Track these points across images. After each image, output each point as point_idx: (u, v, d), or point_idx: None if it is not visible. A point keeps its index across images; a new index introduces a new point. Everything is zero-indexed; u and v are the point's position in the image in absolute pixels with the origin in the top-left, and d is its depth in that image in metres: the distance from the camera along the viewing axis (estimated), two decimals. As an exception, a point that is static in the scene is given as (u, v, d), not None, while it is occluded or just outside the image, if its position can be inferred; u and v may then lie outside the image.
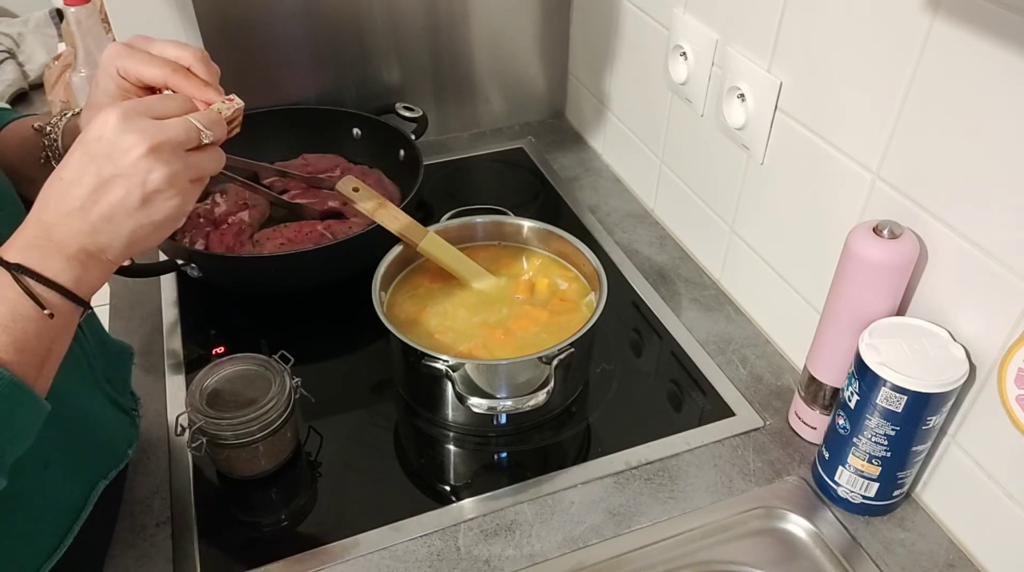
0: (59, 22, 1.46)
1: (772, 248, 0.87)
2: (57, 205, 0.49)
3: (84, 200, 0.49)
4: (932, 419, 0.64)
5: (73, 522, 0.62)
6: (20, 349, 0.48)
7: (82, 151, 0.49)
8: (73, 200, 0.49)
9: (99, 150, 0.49)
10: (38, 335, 0.49)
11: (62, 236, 0.49)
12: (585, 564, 0.68)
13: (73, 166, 0.49)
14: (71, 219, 0.49)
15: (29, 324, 0.48)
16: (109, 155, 0.49)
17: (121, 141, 0.49)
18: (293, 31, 1.09)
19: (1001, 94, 0.57)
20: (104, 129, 0.49)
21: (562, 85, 1.31)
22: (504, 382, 0.76)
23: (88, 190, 0.49)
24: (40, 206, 0.50)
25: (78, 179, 0.49)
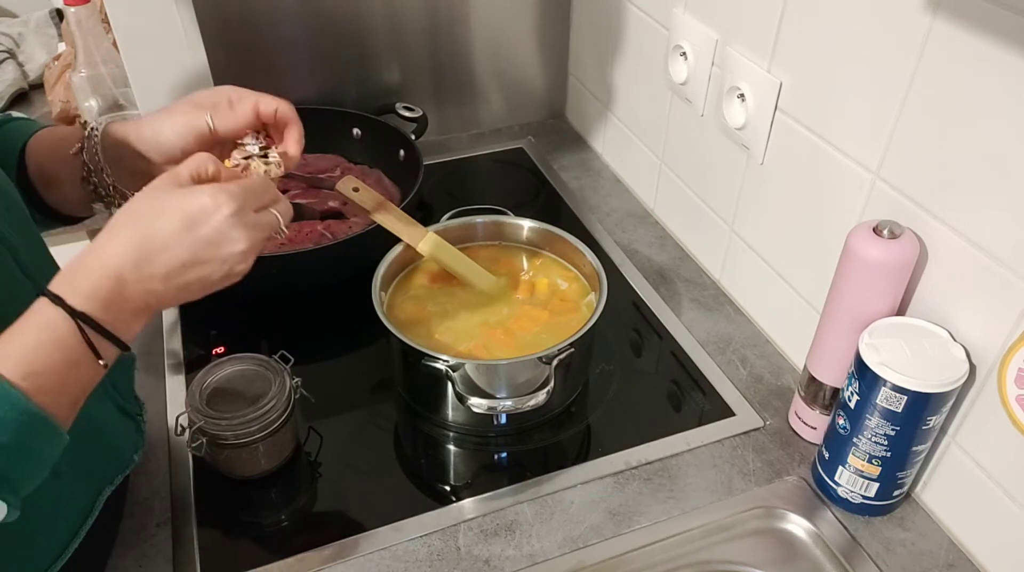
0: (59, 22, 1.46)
1: (772, 248, 0.87)
2: (140, 265, 0.51)
3: (173, 270, 0.52)
4: (932, 419, 0.64)
5: (80, 527, 0.63)
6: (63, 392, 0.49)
7: (183, 224, 0.51)
8: (161, 265, 0.51)
9: (205, 234, 0.52)
10: (84, 380, 0.50)
11: (135, 293, 0.51)
12: (585, 564, 0.68)
13: (170, 234, 0.51)
14: (152, 282, 0.51)
15: (80, 369, 0.50)
16: (215, 242, 0.52)
17: (231, 234, 0.53)
18: (293, 31, 1.09)
19: (1001, 94, 0.57)
20: (216, 215, 0.52)
21: (562, 85, 1.31)
22: (504, 382, 0.76)
23: (179, 263, 0.52)
24: (117, 258, 0.50)
25: (172, 249, 0.51)
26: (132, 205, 0.53)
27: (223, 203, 0.52)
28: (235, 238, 0.53)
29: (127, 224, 0.52)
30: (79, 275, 0.50)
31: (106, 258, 0.50)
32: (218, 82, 1.07)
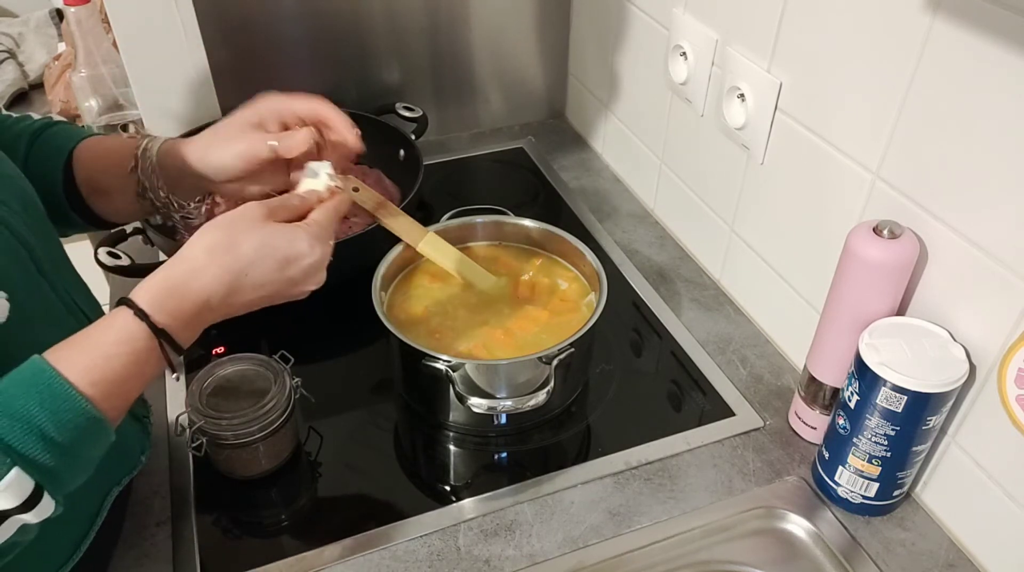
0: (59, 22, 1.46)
1: (772, 248, 0.87)
2: (229, 296, 0.55)
3: (255, 301, 0.57)
4: (932, 419, 0.64)
5: (90, 527, 0.63)
6: (125, 399, 0.52)
7: (278, 265, 0.57)
8: (247, 297, 0.57)
9: (293, 274, 0.58)
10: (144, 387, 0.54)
11: (213, 316, 0.56)
12: (585, 564, 0.68)
13: (264, 273, 0.56)
14: (232, 308, 0.56)
15: (145, 379, 0.53)
16: (299, 282, 0.59)
17: (314, 277, 0.60)
18: (293, 31, 1.09)
19: (1001, 94, 0.57)
20: (308, 261, 0.58)
21: (562, 85, 1.31)
22: (504, 382, 0.76)
23: (264, 296, 0.58)
24: (210, 290, 0.54)
25: (263, 287, 0.57)
26: (231, 233, 0.56)
27: (316, 249, 0.58)
28: (317, 279, 0.60)
29: (227, 253, 0.55)
30: (170, 297, 0.53)
31: (199, 287, 0.54)
32: (218, 82, 1.07)
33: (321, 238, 0.59)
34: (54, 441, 0.47)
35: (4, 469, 0.45)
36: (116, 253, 0.86)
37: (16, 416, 0.46)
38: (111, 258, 0.85)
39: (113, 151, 0.70)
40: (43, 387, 0.47)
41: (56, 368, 0.48)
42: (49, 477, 0.47)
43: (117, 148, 0.70)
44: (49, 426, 0.47)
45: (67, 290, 0.61)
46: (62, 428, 0.47)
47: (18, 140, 0.69)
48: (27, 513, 0.46)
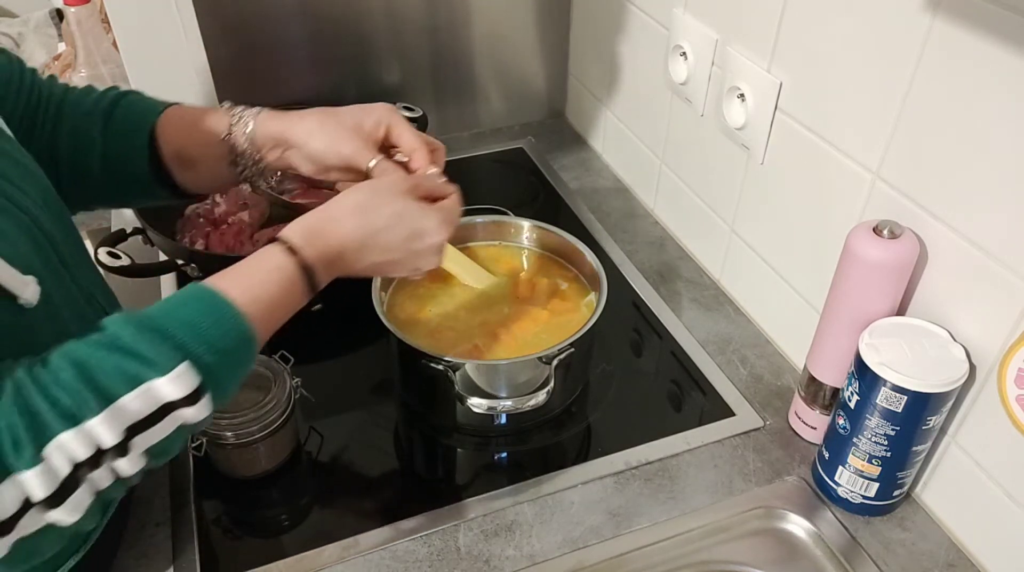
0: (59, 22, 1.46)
1: (772, 248, 0.87)
2: (360, 250, 0.61)
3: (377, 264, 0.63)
4: (932, 419, 0.64)
5: (94, 528, 0.63)
6: (272, 323, 0.57)
7: (406, 236, 0.62)
8: (373, 257, 0.62)
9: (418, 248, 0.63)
10: (287, 316, 0.59)
11: (343, 265, 0.61)
12: (585, 564, 0.68)
13: (393, 239, 0.62)
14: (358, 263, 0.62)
15: (290, 308, 0.58)
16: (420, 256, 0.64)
17: (433, 258, 0.65)
18: (293, 31, 1.09)
19: (1001, 94, 0.57)
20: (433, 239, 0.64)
21: (562, 85, 1.31)
22: (504, 382, 0.76)
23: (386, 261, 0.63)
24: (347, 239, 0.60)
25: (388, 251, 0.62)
26: (374, 197, 0.62)
27: (441, 231, 0.64)
28: (434, 260, 0.66)
29: (366, 213, 0.61)
30: (317, 238, 0.59)
31: (340, 234, 0.60)
32: (218, 82, 1.07)
33: (447, 222, 0.65)
34: (215, 345, 0.51)
35: (175, 362, 0.48)
36: (116, 253, 0.86)
37: (184, 321, 0.51)
38: (111, 258, 0.85)
39: (201, 120, 0.71)
40: (207, 301, 0.53)
41: (218, 287, 0.53)
42: (211, 377, 0.50)
43: (205, 118, 0.71)
44: (212, 331, 0.51)
45: (86, 283, 0.62)
46: (224, 336, 0.52)
47: (90, 119, 0.69)
48: (189, 408, 0.49)
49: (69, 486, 0.46)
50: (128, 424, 0.47)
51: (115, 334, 0.49)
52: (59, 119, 0.68)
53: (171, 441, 0.50)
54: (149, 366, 0.48)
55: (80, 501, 0.47)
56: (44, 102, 0.68)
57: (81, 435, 0.45)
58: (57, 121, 0.68)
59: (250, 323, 0.53)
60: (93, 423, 0.46)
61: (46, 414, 0.45)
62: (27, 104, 0.67)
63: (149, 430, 0.48)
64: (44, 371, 0.47)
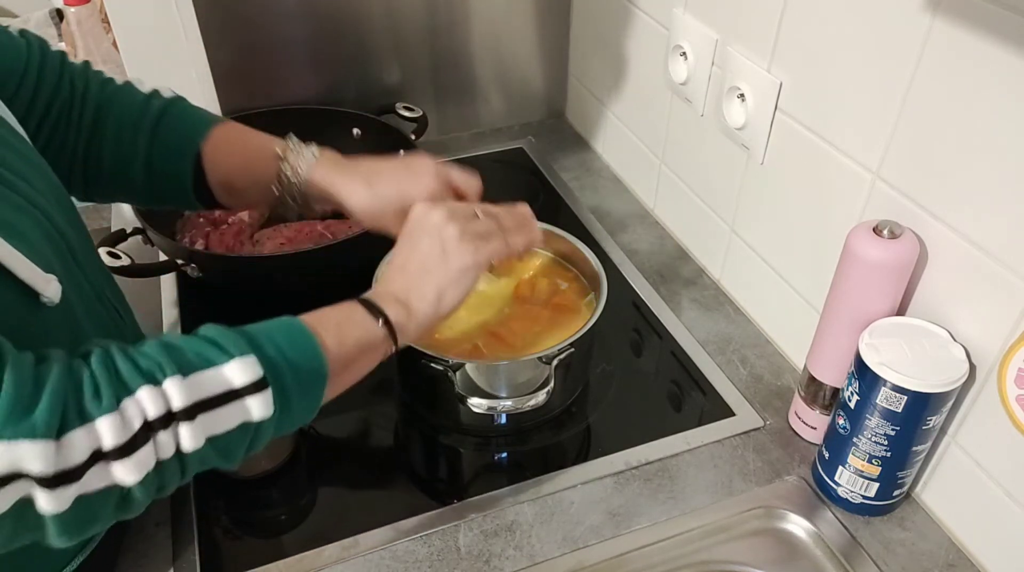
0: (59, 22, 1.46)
1: (772, 248, 0.87)
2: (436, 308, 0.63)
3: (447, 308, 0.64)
4: (932, 419, 0.64)
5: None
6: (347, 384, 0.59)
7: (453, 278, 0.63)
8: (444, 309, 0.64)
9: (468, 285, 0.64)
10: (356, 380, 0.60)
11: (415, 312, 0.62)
12: (585, 564, 0.68)
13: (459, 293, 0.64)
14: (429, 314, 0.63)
15: (364, 373, 0.60)
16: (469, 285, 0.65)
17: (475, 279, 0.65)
18: (293, 31, 1.09)
19: (1001, 94, 0.57)
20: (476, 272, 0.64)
21: (562, 85, 1.31)
22: (504, 382, 0.76)
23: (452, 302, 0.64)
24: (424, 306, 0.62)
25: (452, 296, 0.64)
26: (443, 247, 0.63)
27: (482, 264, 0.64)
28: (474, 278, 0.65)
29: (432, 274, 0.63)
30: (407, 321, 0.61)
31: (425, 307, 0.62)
32: (218, 82, 1.07)
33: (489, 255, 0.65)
34: (286, 355, 0.53)
35: (244, 350, 0.51)
36: (116, 253, 0.86)
37: (267, 335, 0.54)
38: (111, 258, 0.85)
39: (253, 155, 0.72)
40: (296, 330, 0.55)
41: (307, 323, 0.56)
42: (275, 376, 0.52)
43: (255, 149, 0.72)
44: (290, 351, 0.54)
45: (98, 282, 0.62)
46: (297, 351, 0.54)
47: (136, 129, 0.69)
48: (251, 397, 0.51)
49: (138, 440, 0.47)
50: (198, 397, 0.49)
51: (203, 331, 0.53)
52: (100, 120, 0.68)
53: (232, 438, 0.51)
54: (223, 352, 0.51)
55: (144, 460, 0.47)
56: (80, 96, 0.67)
57: (156, 393, 0.48)
58: (97, 122, 0.68)
59: (327, 360, 0.55)
60: (168, 385, 0.48)
61: (127, 372, 0.48)
62: (54, 92, 0.66)
63: (215, 411, 0.50)
64: (133, 347, 0.50)
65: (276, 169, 0.70)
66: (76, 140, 0.67)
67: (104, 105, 0.69)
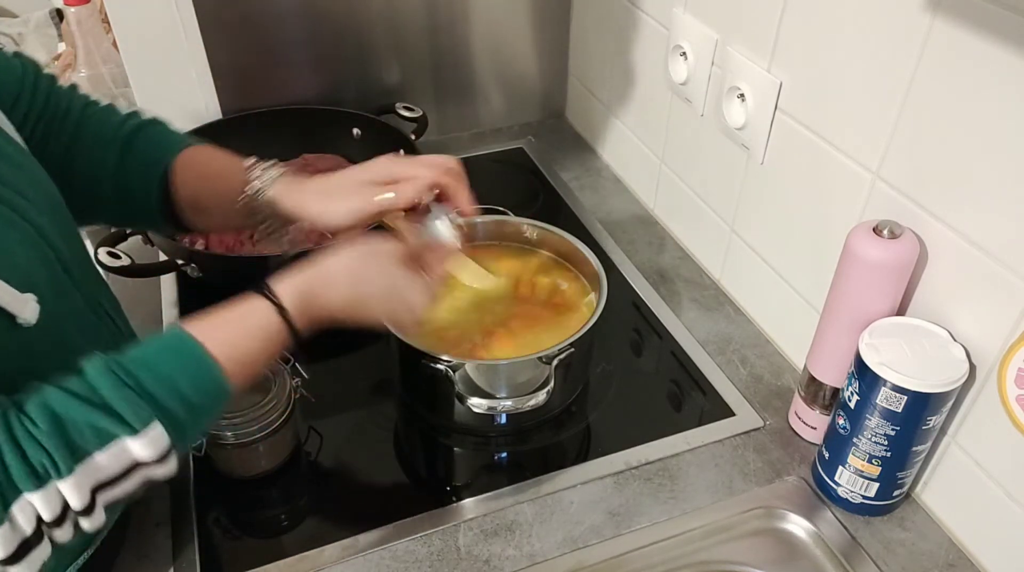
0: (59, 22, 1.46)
1: (772, 248, 0.87)
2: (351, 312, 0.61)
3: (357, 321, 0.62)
4: (932, 419, 0.64)
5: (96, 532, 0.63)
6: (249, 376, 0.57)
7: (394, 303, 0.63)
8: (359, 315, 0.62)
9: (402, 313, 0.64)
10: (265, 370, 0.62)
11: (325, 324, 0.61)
12: (585, 564, 0.68)
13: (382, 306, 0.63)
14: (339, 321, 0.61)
15: (269, 362, 0.60)
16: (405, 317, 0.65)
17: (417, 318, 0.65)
18: (293, 31, 1.09)
19: (1001, 94, 0.57)
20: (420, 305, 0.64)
21: (562, 85, 1.31)
22: (504, 382, 0.76)
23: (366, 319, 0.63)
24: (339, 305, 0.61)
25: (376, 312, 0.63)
26: (369, 264, 0.63)
27: (424, 301, 0.64)
28: (410, 322, 0.65)
29: (360, 280, 0.62)
30: (309, 302, 0.59)
31: (331, 300, 0.60)
32: (218, 82, 1.07)
33: (431, 293, 0.66)
34: (191, 403, 0.51)
35: (148, 421, 0.49)
36: (116, 253, 0.86)
37: (163, 377, 0.51)
38: (111, 258, 0.85)
39: (219, 172, 0.71)
40: (189, 356, 0.53)
41: (200, 341, 0.53)
42: (180, 434, 0.51)
43: (223, 170, 0.71)
44: (190, 391, 0.51)
45: (92, 292, 0.62)
46: (200, 393, 0.52)
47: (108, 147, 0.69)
48: (157, 467, 0.50)
49: (31, 543, 0.46)
50: (96, 482, 0.48)
51: (93, 385, 0.48)
52: (77, 137, 0.68)
53: (132, 494, 0.51)
54: (124, 425, 0.48)
55: (39, 557, 0.47)
56: (62, 114, 0.67)
57: (49, 495, 0.46)
58: (75, 139, 0.68)
59: (228, 380, 0.54)
60: (62, 484, 0.46)
61: (16, 471, 0.45)
62: (42, 111, 0.66)
63: (115, 487, 0.49)
64: (18, 421, 0.46)
65: (242, 182, 0.69)
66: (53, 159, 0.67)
67: (82, 124, 0.69)
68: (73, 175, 0.68)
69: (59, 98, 0.68)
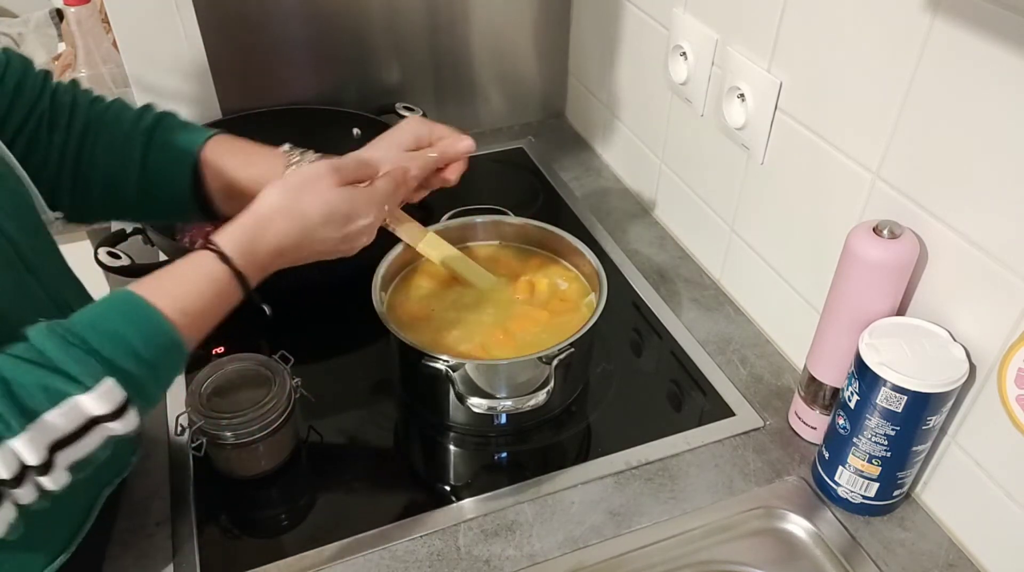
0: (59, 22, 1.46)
1: (772, 248, 0.87)
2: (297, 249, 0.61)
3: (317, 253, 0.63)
4: (932, 419, 0.64)
5: (79, 528, 0.63)
6: (203, 329, 0.57)
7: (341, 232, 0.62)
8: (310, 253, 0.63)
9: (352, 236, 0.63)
10: (219, 319, 0.58)
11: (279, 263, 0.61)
12: (585, 564, 0.68)
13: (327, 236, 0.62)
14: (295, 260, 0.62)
15: (222, 312, 0.58)
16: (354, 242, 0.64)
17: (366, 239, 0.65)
18: (293, 31, 1.09)
19: (1001, 94, 0.57)
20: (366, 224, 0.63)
21: (562, 85, 1.31)
22: (504, 382, 0.76)
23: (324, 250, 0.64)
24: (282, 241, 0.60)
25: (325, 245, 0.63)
26: (300, 193, 0.61)
27: (371, 212, 0.64)
28: (367, 239, 0.65)
29: (296, 211, 0.60)
30: (251, 246, 0.59)
31: (275, 239, 0.60)
32: (218, 82, 1.07)
33: (376, 202, 0.64)
34: (142, 357, 0.51)
35: (99, 377, 0.48)
36: (116, 253, 0.86)
37: (109, 333, 0.50)
38: (111, 258, 0.85)
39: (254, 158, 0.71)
40: (134, 311, 0.52)
41: (143, 296, 0.53)
42: (136, 389, 0.51)
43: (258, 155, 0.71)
44: (139, 344, 0.51)
45: (57, 288, 0.61)
46: (149, 346, 0.52)
47: (129, 141, 0.69)
48: (115, 422, 0.50)
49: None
50: (52, 440, 0.48)
51: (39, 347, 0.48)
52: (90, 134, 0.68)
53: (97, 453, 0.51)
54: (74, 382, 0.48)
55: (3, 517, 0.47)
56: (67, 112, 0.67)
57: (3, 454, 0.46)
58: (87, 135, 0.68)
59: (179, 332, 0.53)
60: (15, 442, 0.46)
61: None
62: (32, 107, 0.65)
63: (74, 445, 0.49)
64: None
65: (282, 164, 0.70)
66: (61, 156, 0.67)
67: (94, 120, 0.68)
68: (92, 175, 0.68)
69: (57, 93, 0.67)
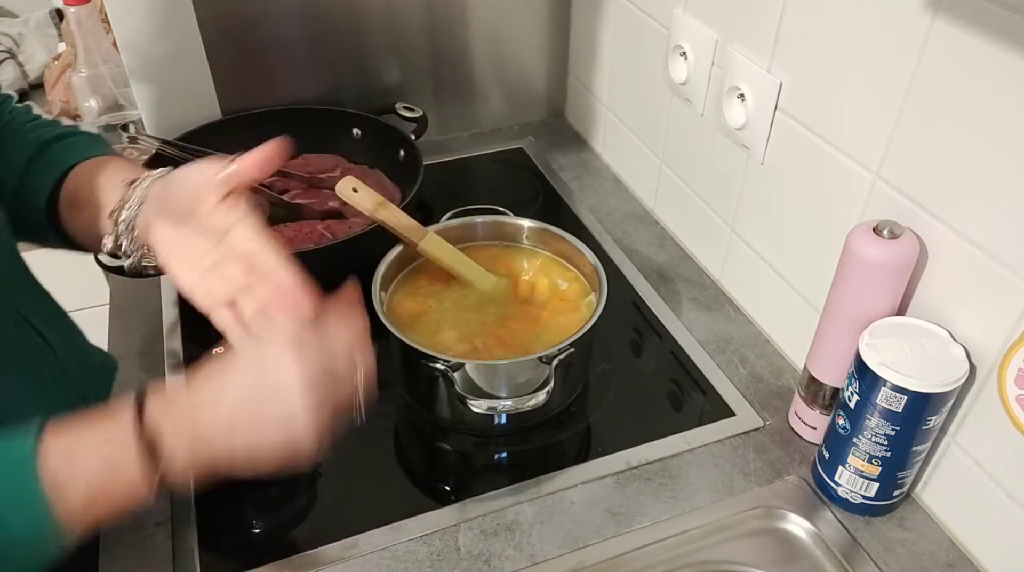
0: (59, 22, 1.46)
1: (772, 248, 0.87)
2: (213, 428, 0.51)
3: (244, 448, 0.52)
4: (932, 419, 0.64)
5: None
6: (102, 519, 0.50)
7: (255, 396, 0.52)
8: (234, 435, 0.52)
9: (281, 411, 0.52)
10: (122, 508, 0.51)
11: (206, 453, 0.51)
12: (585, 564, 0.68)
13: (246, 411, 0.52)
14: (216, 447, 0.52)
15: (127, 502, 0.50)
16: (297, 444, 0.53)
17: (310, 441, 0.54)
18: (293, 31, 1.09)
19: (1001, 94, 0.57)
20: (292, 392, 0.52)
21: (562, 85, 1.31)
22: (504, 382, 0.76)
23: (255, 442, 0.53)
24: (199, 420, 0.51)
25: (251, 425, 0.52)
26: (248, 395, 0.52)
27: (299, 382, 0.53)
28: (311, 443, 0.55)
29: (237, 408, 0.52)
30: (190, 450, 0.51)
31: (192, 416, 0.51)
32: (218, 82, 1.07)
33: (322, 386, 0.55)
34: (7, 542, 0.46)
35: None
36: (116, 254, 0.86)
37: None
38: (111, 258, 0.85)
39: (108, 174, 0.65)
40: (26, 495, 0.46)
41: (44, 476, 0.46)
42: None
43: (114, 172, 0.65)
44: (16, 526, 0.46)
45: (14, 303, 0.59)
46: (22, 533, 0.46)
47: (23, 150, 0.65)
48: None
49: None
50: None
51: None
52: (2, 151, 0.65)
53: None
54: None
55: None
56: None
57: None
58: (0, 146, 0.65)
59: (65, 534, 0.47)
60: None
61: None
62: None
63: None
64: None
65: (119, 198, 0.62)
66: None
67: (11, 129, 0.66)
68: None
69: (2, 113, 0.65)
